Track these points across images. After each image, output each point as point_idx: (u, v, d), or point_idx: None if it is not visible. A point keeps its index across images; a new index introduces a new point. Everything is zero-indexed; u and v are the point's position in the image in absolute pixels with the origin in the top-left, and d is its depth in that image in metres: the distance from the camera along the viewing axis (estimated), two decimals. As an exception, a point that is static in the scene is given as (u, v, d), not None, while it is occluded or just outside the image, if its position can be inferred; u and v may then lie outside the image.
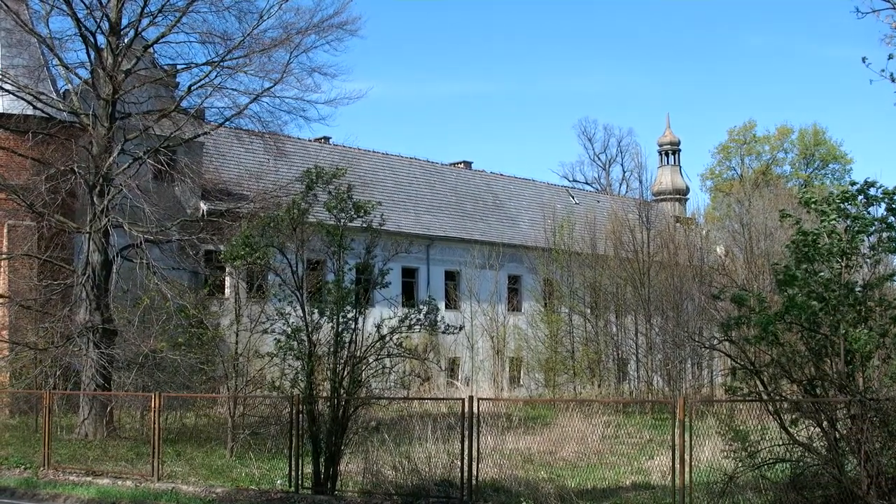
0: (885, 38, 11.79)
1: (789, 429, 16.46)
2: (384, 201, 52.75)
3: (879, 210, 16.63)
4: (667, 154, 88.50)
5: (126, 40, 32.64)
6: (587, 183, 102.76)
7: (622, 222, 53.18)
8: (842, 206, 16.65)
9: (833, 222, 16.70)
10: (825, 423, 15.98)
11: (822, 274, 16.57)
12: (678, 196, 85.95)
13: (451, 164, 68.69)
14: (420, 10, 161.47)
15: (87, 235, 31.82)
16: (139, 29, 32.74)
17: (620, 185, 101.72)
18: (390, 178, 61.08)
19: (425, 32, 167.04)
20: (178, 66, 35.00)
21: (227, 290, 39.67)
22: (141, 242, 31.22)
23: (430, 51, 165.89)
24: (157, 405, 23.57)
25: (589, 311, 52.52)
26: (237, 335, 29.38)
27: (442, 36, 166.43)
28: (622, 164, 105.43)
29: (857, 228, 16.45)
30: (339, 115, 62.47)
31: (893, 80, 11.79)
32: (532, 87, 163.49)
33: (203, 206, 43.34)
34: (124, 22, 32.69)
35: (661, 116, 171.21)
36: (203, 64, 33.38)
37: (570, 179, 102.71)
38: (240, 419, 27.65)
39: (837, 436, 15.88)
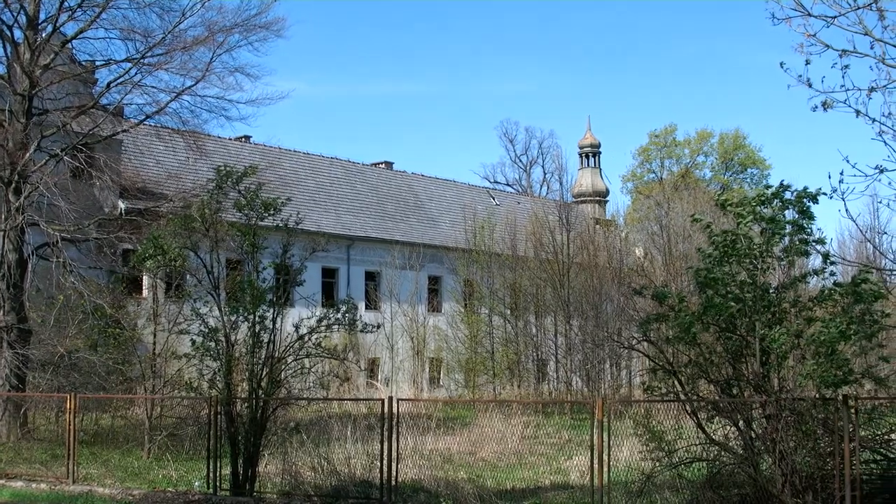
0: (797, 47, 11.96)
1: (706, 428, 16.70)
2: (305, 201, 52.94)
3: (794, 213, 16.91)
4: (587, 156, 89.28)
5: (44, 35, 32.14)
6: (508, 184, 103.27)
7: (542, 224, 53.43)
8: (757, 209, 16.90)
9: (749, 225, 16.96)
10: (741, 423, 16.24)
11: (739, 276, 16.82)
12: (598, 198, 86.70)
13: (372, 165, 68.56)
14: (342, 10, 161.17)
15: (3, 233, 31.26)
16: (57, 24, 32.25)
17: (541, 186, 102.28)
18: (311, 178, 60.84)
19: (348, 33, 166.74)
20: (98, 63, 34.51)
21: (144, 290, 39.25)
22: (57, 241, 30.75)
23: (352, 51, 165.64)
24: (72, 406, 23.28)
25: (509, 311, 52.73)
26: (155, 335, 29.15)
27: (364, 37, 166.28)
28: (543, 166, 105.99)
29: (771, 231, 16.71)
30: (260, 114, 62.20)
31: (810, 86, 11.98)
32: (454, 89, 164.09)
33: (121, 205, 42.84)
34: (42, 16, 32.21)
35: (582, 119, 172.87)
36: (123, 61, 32.99)
37: (491, 181, 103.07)
38: (157, 420, 27.44)
39: (753, 435, 16.13)
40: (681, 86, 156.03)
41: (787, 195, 16.88)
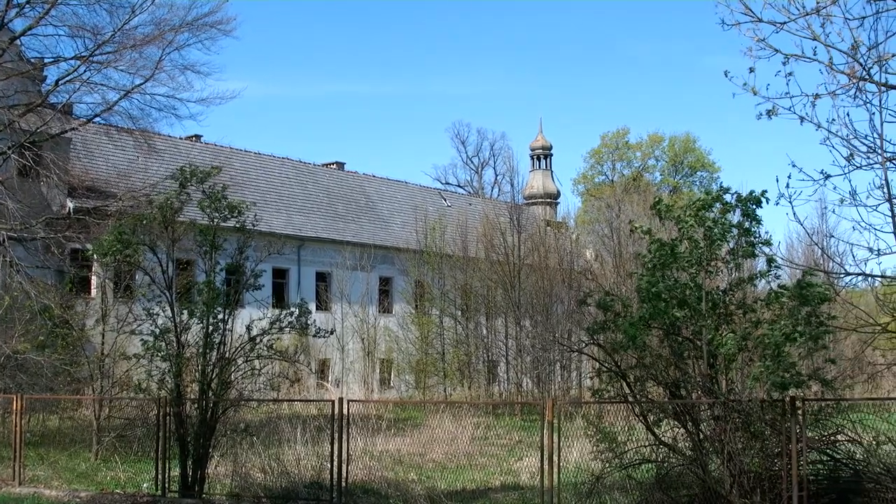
0: (746, 51, 12.07)
1: (655, 430, 16.79)
2: (256, 201, 52.48)
3: (736, 216, 17.01)
4: (539, 158, 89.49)
5: (-9, 31, 31.86)
6: (459, 186, 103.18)
7: (493, 225, 53.52)
8: (699, 213, 16.96)
9: (691, 229, 17.02)
10: (689, 425, 16.32)
11: (682, 278, 16.91)
12: (549, 200, 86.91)
13: (323, 165, 68.28)
14: (295, 9, 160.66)
15: (-53, 232, 30.94)
16: (5, 20, 31.88)
17: (492, 188, 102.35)
18: (262, 178, 60.57)
19: (299, 33, 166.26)
20: (46, 60, 34.22)
21: (93, 290, 38.92)
22: (4, 240, 30.47)
23: (304, 51, 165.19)
24: (18, 407, 23.07)
25: (460, 313, 52.80)
26: (103, 336, 28.91)
27: (316, 37, 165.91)
28: (494, 168, 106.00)
29: (715, 234, 16.79)
30: (211, 113, 61.71)
31: (755, 94, 12.08)
32: (406, 89, 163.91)
33: (70, 204, 42.46)
34: (-11, 13, 31.91)
35: (534, 121, 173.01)
36: (72, 58, 32.75)
37: (443, 182, 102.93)
38: (105, 421, 27.22)
39: (701, 436, 16.23)
40: (633, 89, 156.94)
41: (728, 198, 16.99)
